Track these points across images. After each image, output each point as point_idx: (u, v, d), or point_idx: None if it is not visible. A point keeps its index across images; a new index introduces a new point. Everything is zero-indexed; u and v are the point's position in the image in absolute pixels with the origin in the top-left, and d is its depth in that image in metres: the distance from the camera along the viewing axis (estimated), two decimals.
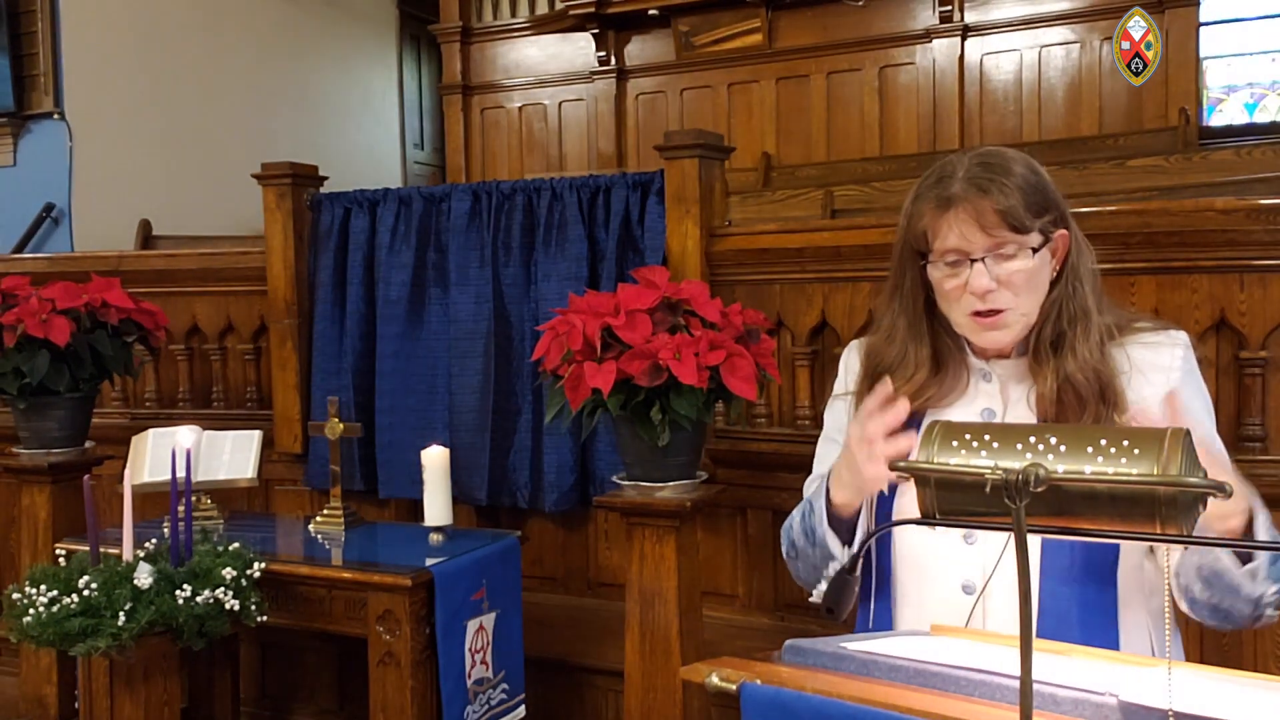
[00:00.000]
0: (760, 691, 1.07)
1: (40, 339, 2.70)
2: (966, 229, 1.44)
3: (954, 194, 1.45)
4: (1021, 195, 1.44)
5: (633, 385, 2.04)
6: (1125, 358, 1.48)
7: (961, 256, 1.46)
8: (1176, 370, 1.49)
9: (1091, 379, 1.45)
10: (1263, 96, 6.51)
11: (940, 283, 1.50)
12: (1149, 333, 1.53)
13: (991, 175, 1.44)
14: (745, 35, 6.96)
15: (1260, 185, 4.07)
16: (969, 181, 1.44)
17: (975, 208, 1.43)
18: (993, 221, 1.43)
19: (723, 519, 2.77)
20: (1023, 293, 1.46)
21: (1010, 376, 1.55)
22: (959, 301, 1.48)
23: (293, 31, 7.32)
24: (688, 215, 2.70)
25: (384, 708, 2.30)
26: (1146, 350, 1.50)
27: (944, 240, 1.47)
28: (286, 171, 3.15)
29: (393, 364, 3.04)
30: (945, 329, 1.56)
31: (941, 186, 1.47)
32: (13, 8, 5.60)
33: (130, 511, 2.22)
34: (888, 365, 1.57)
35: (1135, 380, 1.47)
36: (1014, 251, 1.44)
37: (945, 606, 1.47)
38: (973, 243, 1.44)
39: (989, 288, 1.44)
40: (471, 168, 7.84)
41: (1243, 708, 0.98)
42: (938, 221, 1.47)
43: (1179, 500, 0.92)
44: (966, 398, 1.55)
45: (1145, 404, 1.42)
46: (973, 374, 1.56)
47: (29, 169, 5.74)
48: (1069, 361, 1.46)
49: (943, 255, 1.47)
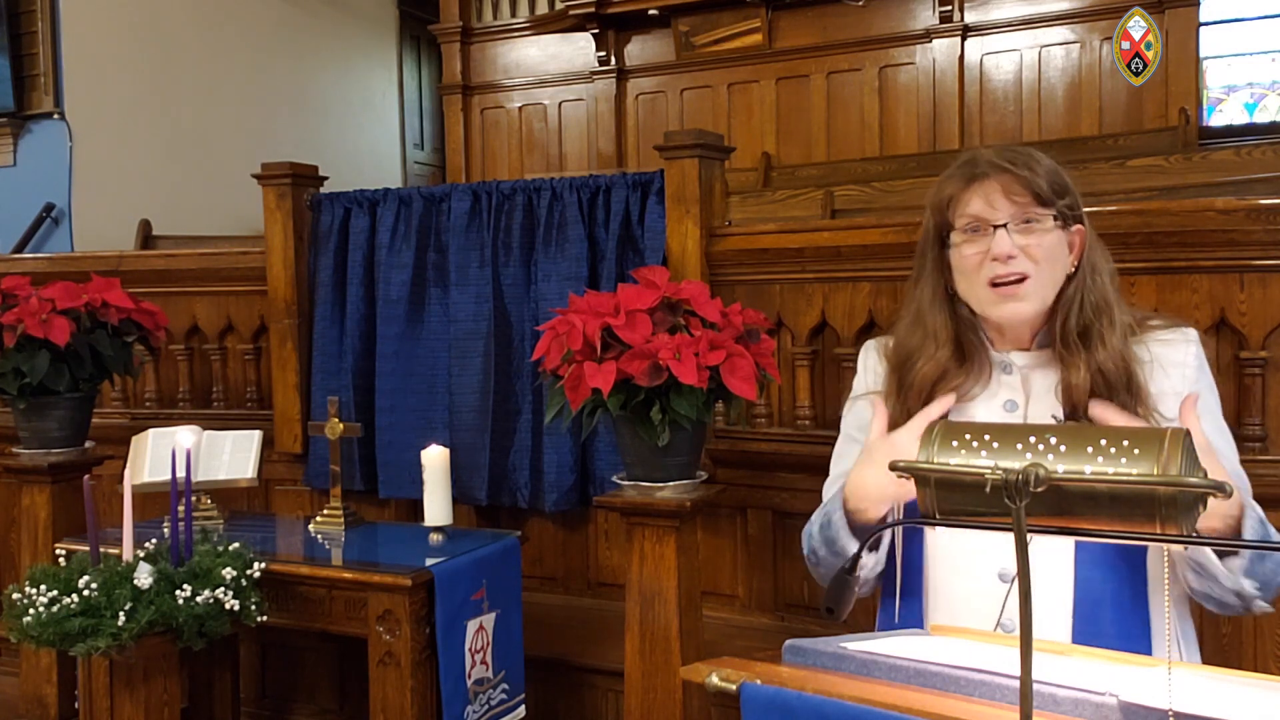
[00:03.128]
0: (760, 691, 1.07)
1: (40, 339, 2.70)
2: (992, 195, 1.50)
3: (981, 170, 1.52)
4: (1046, 174, 1.51)
5: (633, 385, 2.04)
6: (1146, 351, 1.52)
7: (984, 224, 1.51)
8: (1191, 367, 1.53)
9: (1121, 369, 1.49)
10: (1263, 96, 6.51)
11: (961, 252, 1.53)
12: (1163, 330, 1.57)
13: (1017, 154, 1.52)
14: (745, 35, 6.96)
15: (1260, 185, 4.07)
16: (996, 158, 1.52)
17: (1001, 179, 1.50)
18: (1017, 190, 1.49)
19: (723, 519, 2.77)
20: (1043, 265, 1.50)
21: (1031, 368, 1.57)
22: (978, 271, 1.52)
23: (293, 31, 7.32)
24: (688, 215, 2.70)
25: (384, 708, 2.30)
26: (1163, 347, 1.54)
27: (968, 206, 1.52)
28: (286, 171, 3.15)
29: (393, 364, 3.04)
30: (966, 322, 1.58)
31: (970, 165, 1.54)
32: (13, 8, 5.60)
33: (130, 511, 2.22)
34: (911, 350, 1.60)
35: (1155, 374, 1.51)
36: (1037, 220, 1.49)
37: (981, 597, 1.48)
38: (997, 209, 1.50)
39: (1011, 252, 1.49)
40: (471, 168, 7.84)
41: (1243, 708, 0.98)
42: (964, 191, 1.53)
43: (1179, 500, 0.92)
44: (989, 391, 1.57)
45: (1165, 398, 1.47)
46: (994, 367, 1.58)
47: (29, 169, 5.74)
48: (1099, 351, 1.49)
49: (966, 223, 1.52)
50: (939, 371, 1.55)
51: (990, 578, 1.49)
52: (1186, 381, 1.51)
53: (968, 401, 1.57)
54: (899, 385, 1.60)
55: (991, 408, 1.56)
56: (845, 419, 1.74)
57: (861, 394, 1.70)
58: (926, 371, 1.56)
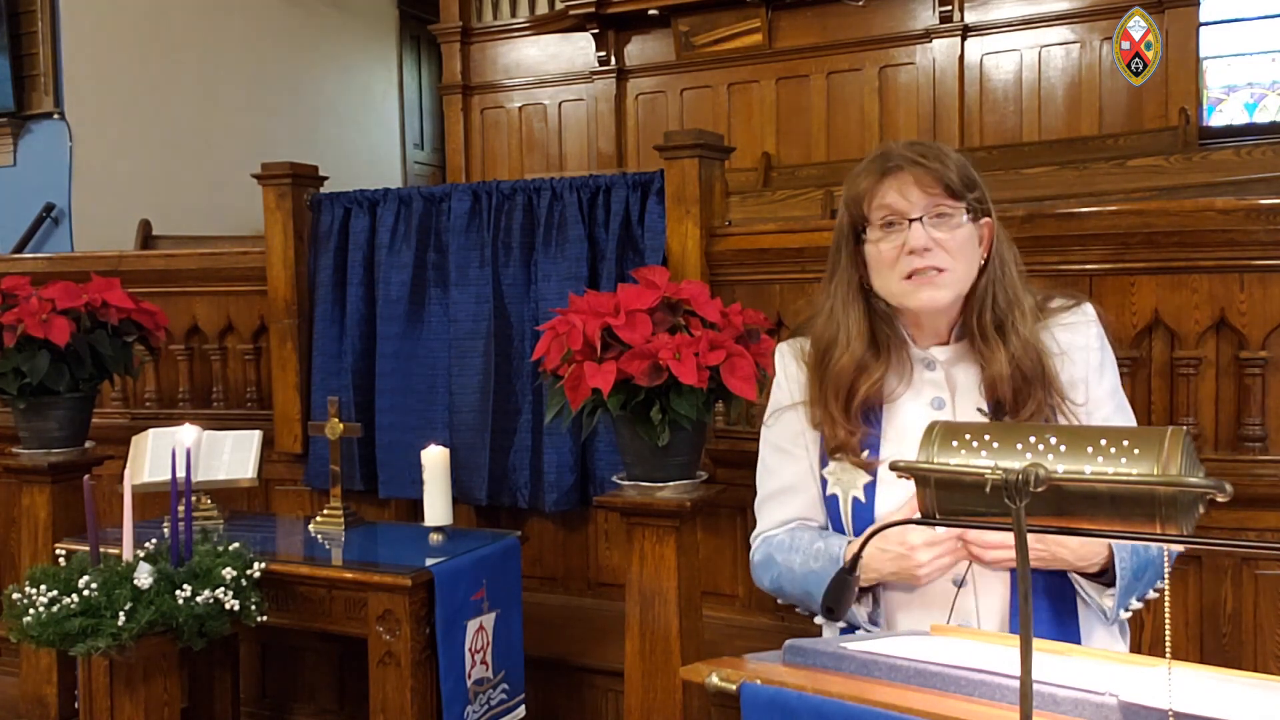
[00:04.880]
0: (760, 691, 1.07)
1: (40, 339, 2.69)
2: (905, 188, 1.52)
3: (894, 163, 1.54)
4: (956, 167, 1.53)
5: (633, 385, 2.04)
6: (1052, 340, 1.56)
7: (899, 218, 1.53)
8: (1094, 349, 1.58)
9: (1035, 360, 1.53)
10: (1263, 96, 6.50)
11: (877, 248, 1.55)
12: (1063, 312, 1.60)
13: (928, 148, 1.55)
14: (745, 35, 6.96)
15: (1260, 185, 4.06)
16: (907, 152, 1.54)
17: (913, 172, 1.52)
18: (929, 183, 1.51)
19: (723, 519, 2.77)
20: (958, 256, 1.52)
21: (952, 363, 1.59)
22: (894, 266, 1.54)
23: (293, 31, 7.32)
24: (688, 215, 2.70)
25: (384, 708, 2.30)
26: (1066, 332, 1.57)
27: (883, 198, 1.54)
28: (286, 171, 3.15)
29: (393, 364, 3.04)
30: (883, 317, 1.60)
31: (882, 159, 1.56)
32: (13, 8, 5.60)
33: (130, 511, 2.21)
34: (827, 343, 1.62)
35: (1065, 364, 1.55)
36: (949, 212, 1.52)
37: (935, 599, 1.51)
38: (911, 201, 1.52)
39: (927, 244, 1.51)
40: (471, 168, 7.84)
41: (1243, 708, 0.98)
42: (878, 185, 1.55)
43: (1179, 500, 0.92)
44: (913, 389, 1.59)
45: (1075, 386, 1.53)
46: (915, 364, 1.60)
47: (29, 169, 5.73)
48: (1014, 343, 1.53)
49: (881, 216, 1.54)
50: (855, 365, 1.58)
51: (943, 582, 1.51)
52: (1092, 365, 1.56)
53: (894, 402, 1.59)
54: (820, 384, 1.62)
55: (918, 406, 1.58)
56: (770, 429, 1.73)
57: (788, 405, 1.69)
58: (843, 365, 1.58)
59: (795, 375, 1.69)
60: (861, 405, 1.57)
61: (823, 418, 1.60)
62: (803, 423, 1.65)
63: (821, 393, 1.61)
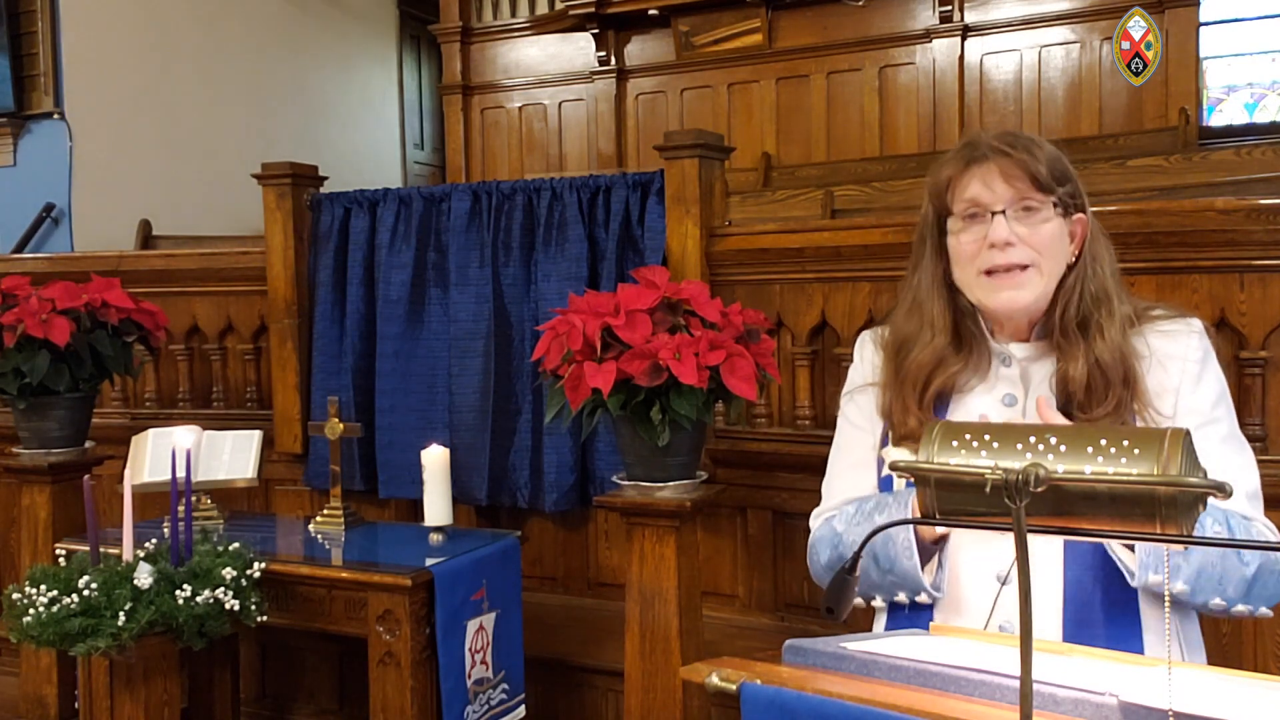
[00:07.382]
0: (760, 691, 1.07)
1: (40, 339, 2.69)
2: (990, 179, 1.47)
3: (980, 152, 1.49)
4: (1046, 159, 1.48)
5: (633, 385, 2.04)
6: (1145, 345, 1.49)
7: (982, 210, 1.47)
8: (1193, 360, 1.50)
9: (1119, 362, 1.46)
10: (1263, 96, 6.50)
11: (958, 239, 1.51)
12: (1165, 320, 1.53)
13: (1018, 138, 1.49)
14: (745, 35, 6.96)
15: (1260, 185, 4.06)
16: (997, 142, 1.48)
17: (1000, 163, 1.47)
18: (1016, 174, 1.46)
19: (723, 519, 2.77)
20: (1043, 253, 1.47)
21: (1030, 360, 1.55)
22: (975, 260, 1.49)
23: (293, 31, 7.32)
24: (688, 215, 2.70)
25: (384, 708, 2.30)
26: (1163, 339, 1.51)
27: (966, 189, 1.49)
28: (286, 171, 3.15)
29: (393, 364, 3.04)
30: (965, 310, 1.56)
31: (969, 148, 1.51)
32: (13, 8, 5.60)
33: (130, 511, 2.21)
34: (908, 337, 1.58)
35: (1153, 369, 1.48)
36: (1036, 206, 1.46)
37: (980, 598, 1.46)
38: (995, 193, 1.47)
39: (1009, 239, 1.46)
40: (471, 168, 7.84)
41: (1243, 708, 0.98)
42: (962, 174, 1.50)
43: (1179, 500, 0.92)
44: (987, 383, 1.55)
45: (1163, 395, 1.45)
46: (994, 359, 1.56)
47: (29, 169, 5.73)
48: (1098, 343, 1.47)
49: (964, 208, 1.49)
50: (935, 359, 1.54)
51: (988, 579, 1.48)
52: (1188, 376, 1.49)
53: (966, 394, 1.55)
54: (895, 373, 1.58)
55: (990, 401, 1.54)
56: (845, 409, 1.72)
57: (861, 385, 1.68)
58: (923, 359, 1.54)
59: (870, 358, 1.67)
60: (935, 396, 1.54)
61: (894, 405, 1.56)
62: (873, 404, 1.63)
63: (897, 380, 1.57)
